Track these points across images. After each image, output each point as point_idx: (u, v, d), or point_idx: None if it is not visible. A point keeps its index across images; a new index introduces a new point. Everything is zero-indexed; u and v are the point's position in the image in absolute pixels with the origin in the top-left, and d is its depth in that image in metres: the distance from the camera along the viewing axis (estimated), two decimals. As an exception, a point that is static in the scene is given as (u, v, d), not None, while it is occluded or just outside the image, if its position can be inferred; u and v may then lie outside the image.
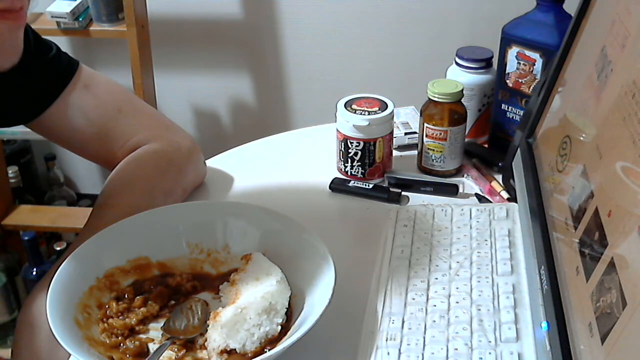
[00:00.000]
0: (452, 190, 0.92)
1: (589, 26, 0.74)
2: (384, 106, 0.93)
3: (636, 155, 0.53)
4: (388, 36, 1.91)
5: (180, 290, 0.75)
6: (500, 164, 0.95)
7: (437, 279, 0.73)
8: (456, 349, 0.64)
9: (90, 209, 0.84)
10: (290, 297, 0.71)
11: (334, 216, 0.93)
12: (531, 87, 0.92)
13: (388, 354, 0.64)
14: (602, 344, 0.50)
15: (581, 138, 0.68)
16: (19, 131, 1.80)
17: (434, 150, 0.94)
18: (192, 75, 2.06)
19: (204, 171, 0.97)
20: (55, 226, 1.91)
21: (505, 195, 0.90)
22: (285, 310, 0.69)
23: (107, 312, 0.71)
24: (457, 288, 0.71)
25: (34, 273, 1.78)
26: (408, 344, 0.65)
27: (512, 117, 0.96)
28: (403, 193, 0.92)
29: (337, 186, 0.95)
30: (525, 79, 0.92)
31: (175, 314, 0.72)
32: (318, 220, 0.81)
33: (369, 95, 0.95)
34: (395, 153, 1.00)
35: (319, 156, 1.02)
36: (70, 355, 0.62)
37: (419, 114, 0.96)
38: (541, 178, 0.77)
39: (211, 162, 1.01)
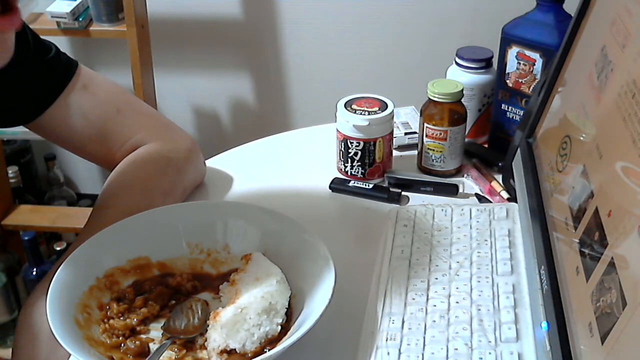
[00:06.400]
0: (452, 190, 0.92)
1: (589, 26, 0.73)
2: (384, 106, 0.93)
3: (636, 155, 0.53)
4: (388, 36, 1.91)
5: (180, 290, 0.75)
6: (500, 164, 0.95)
7: (437, 279, 0.73)
8: (456, 349, 0.64)
9: (90, 209, 0.84)
10: (290, 297, 0.71)
11: (334, 216, 0.93)
12: (531, 87, 0.92)
13: (388, 354, 0.64)
14: (602, 344, 0.50)
15: (581, 138, 0.68)
16: (19, 131, 1.80)
17: (434, 150, 0.94)
18: (192, 75, 2.06)
19: (204, 171, 0.97)
20: (55, 226, 1.91)
21: (505, 195, 0.90)
22: (285, 310, 0.69)
23: (108, 312, 0.71)
24: (457, 288, 0.71)
25: (34, 273, 1.78)
26: (408, 344, 0.65)
27: (512, 117, 0.96)
28: (403, 193, 0.92)
29: (337, 186, 0.95)
30: (525, 79, 0.92)
31: (176, 313, 0.72)
32: (318, 221, 0.81)
33: (369, 95, 0.95)
34: (395, 153, 1.00)
35: (319, 156, 1.02)
36: (70, 355, 0.62)
37: (419, 114, 0.96)
38: (541, 178, 0.77)
39: (211, 162, 1.01)
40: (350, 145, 0.93)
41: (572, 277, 0.60)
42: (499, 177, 0.94)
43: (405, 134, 1.04)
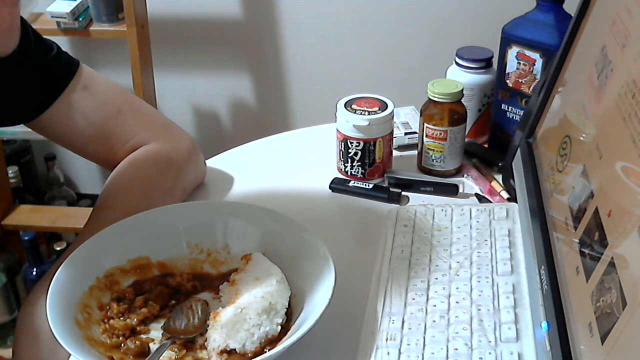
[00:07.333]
0: (452, 190, 0.92)
1: (589, 26, 0.74)
2: (384, 106, 0.93)
3: (636, 155, 0.53)
4: (388, 36, 1.91)
5: (180, 290, 0.75)
6: (500, 164, 0.95)
7: (437, 279, 0.73)
8: (456, 349, 0.64)
9: (90, 209, 0.84)
10: (290, 297, 0.71)
11: (334, 216, 0.93)
12: (531, 87, 0.92)
13: (388, 354, 0.64)
14: (602, 344, 0.50)
15: (581, 138, 0.68)
16: (19, 131, 1.80)
17: (434, 150, 0.94)
18: (192, 75, 2.06)
19: (204, 171, 0.97)
20: (55, 226, 1.91)
21: (505, 195, 0.90)
22: (285, 310, 0.69)
23: (108, 312, 0.71)
24: (457, 288, 0.71)
25: (34, 273, 1.78)
26: (408, 344, 0.65)
27: (512, 117, 0.96)
28: (403, 193, 0.92)
29: (337, 186, 0.95)
30: (525, 79, 0.92)
31: (176, 313, 0.72)
32: (318, 221, 0.81)
33: (369, 95, 0.95)
34: (395, 153, 1.00)
35: (319, 156, 1.02)
36: (70, 355, 0.62)
37: (419, 114, 0.96)
38: (541, 178, 0.77)
39: (211, 162, 1.01)
40: (350, 145, 0.93)
41: (572, 277, 0.60)
42: (499, 177, 0.94)
43: (405, 134, 1.04)
